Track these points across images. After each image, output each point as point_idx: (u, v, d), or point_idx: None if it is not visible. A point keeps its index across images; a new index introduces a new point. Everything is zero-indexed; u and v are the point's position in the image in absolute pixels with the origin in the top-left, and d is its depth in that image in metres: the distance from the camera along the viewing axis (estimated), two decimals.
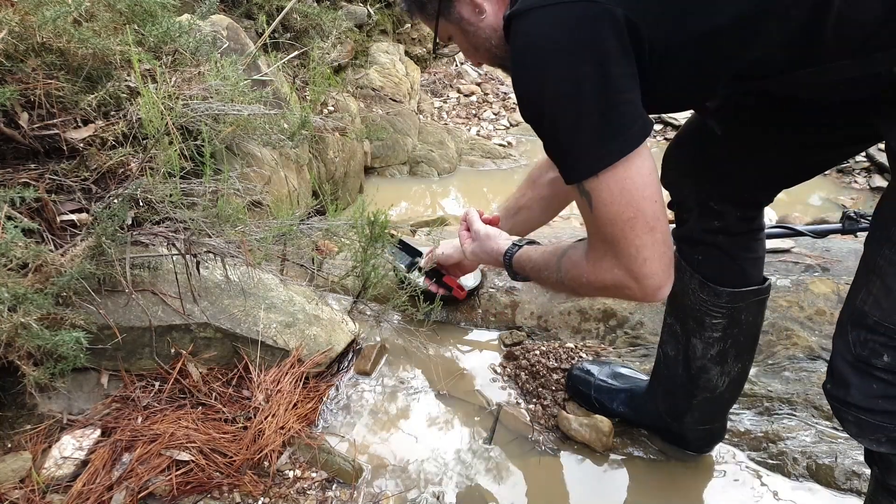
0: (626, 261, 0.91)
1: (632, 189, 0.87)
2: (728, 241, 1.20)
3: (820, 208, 4.38)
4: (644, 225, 0.88)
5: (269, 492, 1.26)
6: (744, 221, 1.19)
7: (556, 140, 0.91)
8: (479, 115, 5.37)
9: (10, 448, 1.24)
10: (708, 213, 1.19)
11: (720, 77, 0.92)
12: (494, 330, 1.85)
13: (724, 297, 1.21)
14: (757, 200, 1.20)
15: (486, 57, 1.12)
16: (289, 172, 2.45)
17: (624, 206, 0.87)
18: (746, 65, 0.89)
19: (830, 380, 0.99)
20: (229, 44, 2.40)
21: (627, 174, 0.86)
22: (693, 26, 0.84)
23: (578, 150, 0.88)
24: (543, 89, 0.87)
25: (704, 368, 1.29)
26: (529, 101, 0.90)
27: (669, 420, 1.42)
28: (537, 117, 0.90)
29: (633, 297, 0.95)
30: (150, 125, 1.41)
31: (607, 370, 1.56)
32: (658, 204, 0.89)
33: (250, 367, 1.47)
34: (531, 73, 0.88)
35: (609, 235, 0.91)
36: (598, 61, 0.83)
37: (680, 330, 1.31)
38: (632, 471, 1.42)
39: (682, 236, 1.26)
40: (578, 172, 0.90)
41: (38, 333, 1.12)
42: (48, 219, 1.36)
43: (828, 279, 1.81)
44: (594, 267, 0.97)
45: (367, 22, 4.95)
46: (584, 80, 0.83)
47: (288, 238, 1.71)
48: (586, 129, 0.86)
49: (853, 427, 0.97)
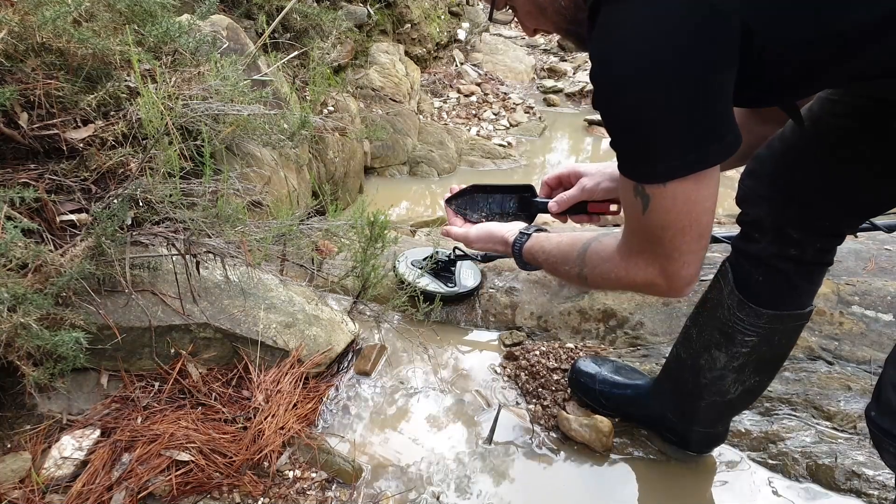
0: (665, 261, 0.88)
1: (695, 201, 0.82)
2: (797, 269, 1.13)
3: None
4: (696, 233, 0.85)
5: (268, 492, 1.26)
6: (821, 253, 1.12)
7: (632, 139, 0.84)
8: (479, 115, 5.37)
9: (10, 448, 1.24)
10: (785, 239, 1.11)
11: (837, 77, 0.84)
12: (494, 330, 1.85)
13: (763, 318, 1.15)
14: (840, 230, 1.12)
15: (553, 23, 0.96)
16: (289, 172, 2.45)
17: (682, 216, 0.84)
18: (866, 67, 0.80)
19: (875, 406, 0.93)
20: (229, 44, 2.40)
21: (696, 187, 0.82)
22: (816, 28, 0.76)
23: (655, 154, 0.82)
24: (633, 83, 0.78)
25: (721, 377, 1.25)
26: (613, 92, 0.82)
27: (674, 419, 1.41)
28: (617, 111, 0.83)
29: (660, 292, 0.92)
30: (149, 125, 1.41)
31: (611, 366, 1.55)
32: (712, 215, 0.85)
33: (250, 367, 1.47)
34: (624, 64, 0.79)
35: (656, 238, 0.87)
36: (706, 66, 0.76)
37: (696, 336, 1.27)
38: (632, 471, 1.42)
39: (746, 252, 1.17)
40: (646, 176, 0.84)
41: (37, 334, 1.12)
42: (48, 219, 1.36)
43: (828, 279, 1.81)
44: (626, 262, 0.93)
45: (367, 22, 4.95)
46: (685, 84, 0.77)
47: (288, 238, 1.71)
48: (671, 134, 0.80)
49: (892, 458, 0.92)
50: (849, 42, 0.76)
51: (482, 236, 1.27)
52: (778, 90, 0.87)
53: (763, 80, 0.83)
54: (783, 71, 0.82)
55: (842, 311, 1.72)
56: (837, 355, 1.64)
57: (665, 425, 1.45)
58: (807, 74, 0.83)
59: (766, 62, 0.79)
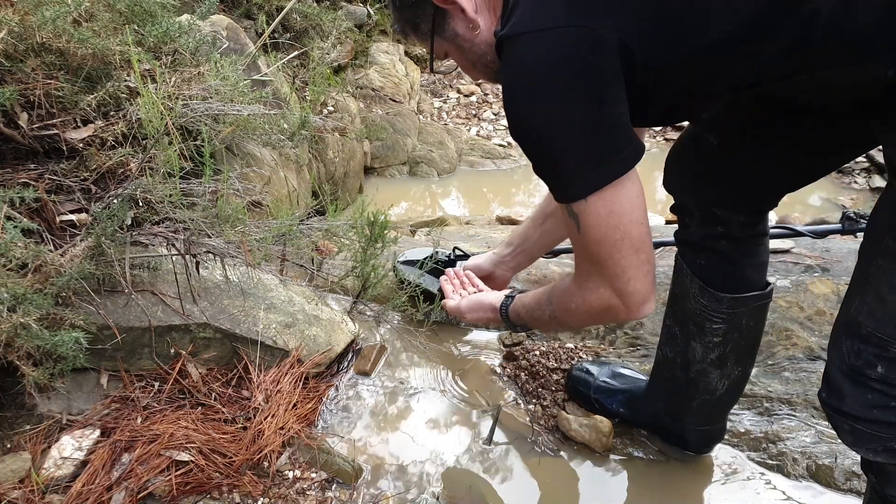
0: (612, 280, 0.93)
1: (619, 213, 0.88)
2: (731, 246, 1.19)
3: (820, 208, 4.38)
4: (630, 247, 0.90)
5: (268, 492, 1.26)
6: (747, 227, 1.18)
7: (545, 163, 0.92)
8: (479, 115, 5.37)
9: (10, 448, 1.24)
10: (710, 218, 1.18)
11: (715, 91, 0.93)
12: (494, 330, 1.85)
13: (724, 302, 1.20)
14: (759, 207, 1.19)
15: (484, 73, 1.10)
16: (288, 173, 2.45)
17: (611, 230, 0.89)
18: (742, 77, 0.89)
19: (826, 388, 0.99)
20: (229, 44, 2.40)
21: (616, 198, 0.88)
22: (688, 45, 0.85)
23: (567, 174, 0.89)
24: (534, 114, 0.87)
25: (704, 372, 1.29)
26: (519, 125, 0.91)
27: (669, 421, 1.41)
28: (527, 140, 0.91)
29: (619, 315, 0.97)
30: (149, 125, 1.41)
31: (607, 370, 1.56)
32: (644, 226, 0.91)
33: (250, 367, 1.47)
34: (522, 97, 0.88)
35: (595, 256, 0.93)
36: (592, 87, 0.83)
37: (679, 332, 1.30)
38: (632, 471, 1.42)
39: (684, 240, 1.25)
40: (567, 195, 0.91)
41: (37, 334, 1.12)
42: (48, 219, 1.36)
43: (827, 279, 1.81)
44: (580, 288, 1.00)
45: (367, 22, 4.95)
46: (574, 107, 0.84)
47: (288, 238, 1.71)
48: (575, 153, 0.87)
49: (848, 436, 0.96)
50: (717, 55, 0.85)
51: (473, 307, 1.38)
52: (675, 106, 0.97)
53: (659, 97, 0.91)
54: (667, 88, 0.90)
55: None
56: None
57: (662, 427, 1.45)
58: (694, 88, 0.91)
59: (655, 80, 0.87)
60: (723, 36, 0.83)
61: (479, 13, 1.02)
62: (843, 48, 0.80)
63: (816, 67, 0.84)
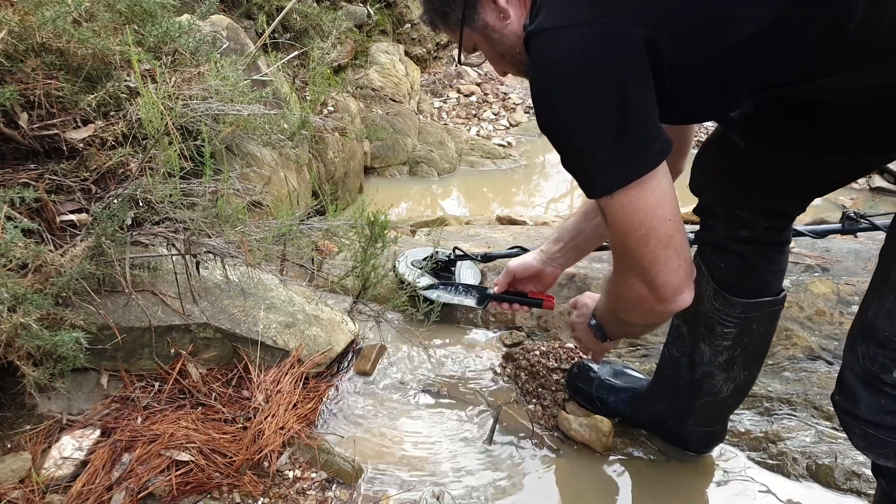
0: (641, 272, 0.93)
1: (645, 209, 0.88)
2: (754, 251, 1.18)
3: (820, 208, 4.38)
4: (657, 241, 0.89)
5: (268, 492, 1.26)
6: (773, 232, 1.17)
7: (572, 159, 0.92)
8: (479, 115, 5.37)
9: (10, 448, 1.24)
10: (736, 221, 1.17)
11: (742, 90, 0.92)
12: (494, 330, 1.85)
13: (737, 307, 1.19)
14: (787, 210, 1.18)
15: (512, 65, 1.09)
16: (288, 173, 2.45)
17: (637, 225, 0.89)
18: (768, 76, 0.88)
19: (839, 391, 0.98)
20: (229, 44, 2.40)
21: (641, 194, 0.87)
22: (714, 43, 0.84)
23: (593, 170, 0.89)
24: (559, 110, 0.88)
25: (710, 374, 1.28)
26: (546, 120, 0.91)
27: (671, 420, 1.41)
28: (553, 135, 0.91)
29: (654, 306, 0.95)
30: (149, 125, 1.41)
31: (609, 369, 1.56)
32: (673, 222, 0.90)
33: (250, 367, 1.47)
34: (548, 93, 0.89)
35: (624, 249, 0.93)
36: (616, 84, 0.83)
37: (687, 333, 1.30)
38: (632, 471, 1.42)
39: (706, 241, 1.24)
40: (593, 191, 0.91)
41: (37, 334, 1.12)
42: (48, 219, 1.36)
43: (827, 279, 1.81)
44: (620, 280, 0.99)
45: (367, 22, 4.95)
46: (600, 104, 0.84)
47: (288, 238, 1.71)
48: (600, 150, 0.87)
49: (860, 440, 0.96)
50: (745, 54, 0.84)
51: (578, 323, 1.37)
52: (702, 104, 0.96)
53: (686, 95, 0.91)
54: (694, 86, 0.90)
55: (842, 310, 1.72)
56: (837, 355, 1.64)
57: (663, 427, 1.45)
58: (718, 87, 0.91)
59: (682, 77, 0.88)
60: (751, 33, 0.82)
61: (509, 3, 1.01)
62: (872, 47, 0.80)
63: (843, 68, 0.83)
